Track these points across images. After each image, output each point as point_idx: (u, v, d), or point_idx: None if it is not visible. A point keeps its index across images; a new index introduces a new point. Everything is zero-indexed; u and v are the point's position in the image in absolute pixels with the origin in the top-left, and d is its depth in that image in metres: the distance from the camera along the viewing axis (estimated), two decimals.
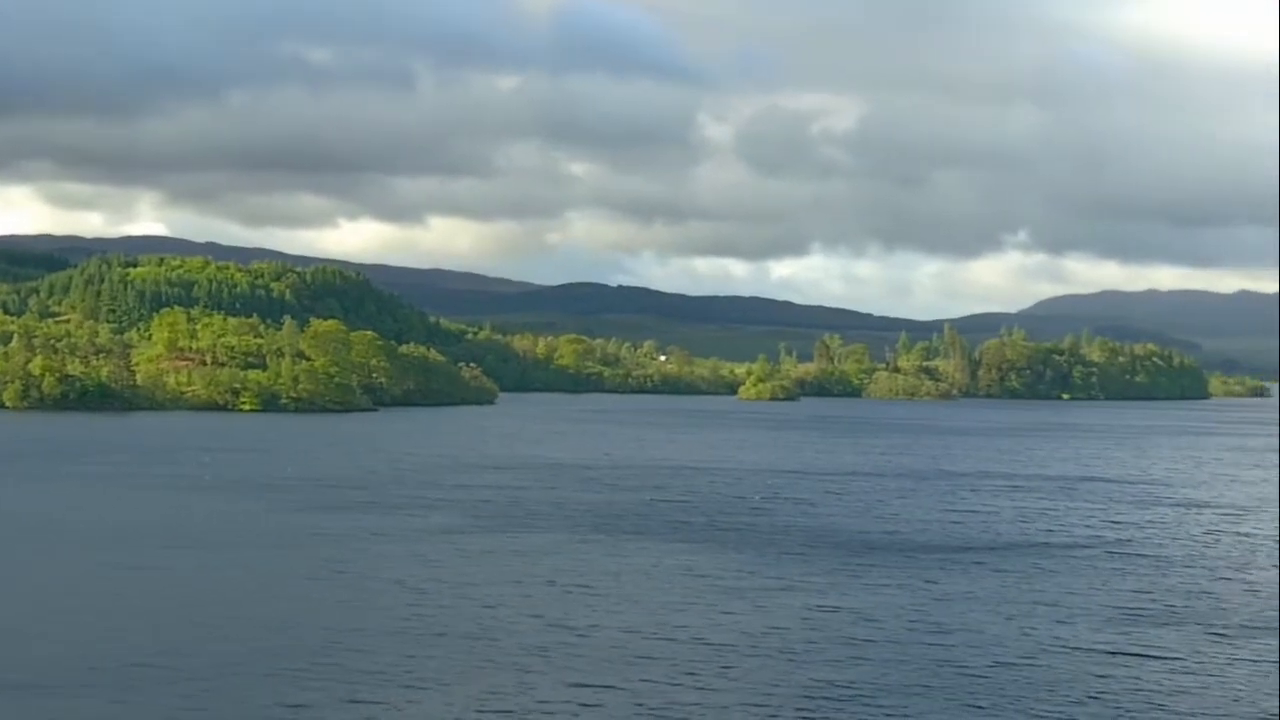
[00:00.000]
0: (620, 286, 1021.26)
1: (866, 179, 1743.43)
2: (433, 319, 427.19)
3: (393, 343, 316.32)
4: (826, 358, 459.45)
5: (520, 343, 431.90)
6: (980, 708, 51.01)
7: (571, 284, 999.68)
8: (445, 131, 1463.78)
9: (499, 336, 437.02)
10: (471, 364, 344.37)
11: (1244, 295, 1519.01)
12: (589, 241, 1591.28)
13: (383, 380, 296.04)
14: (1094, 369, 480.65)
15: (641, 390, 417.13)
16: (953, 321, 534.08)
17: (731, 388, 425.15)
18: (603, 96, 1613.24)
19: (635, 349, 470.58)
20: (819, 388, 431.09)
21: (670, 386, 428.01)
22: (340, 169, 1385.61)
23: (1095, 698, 52.61)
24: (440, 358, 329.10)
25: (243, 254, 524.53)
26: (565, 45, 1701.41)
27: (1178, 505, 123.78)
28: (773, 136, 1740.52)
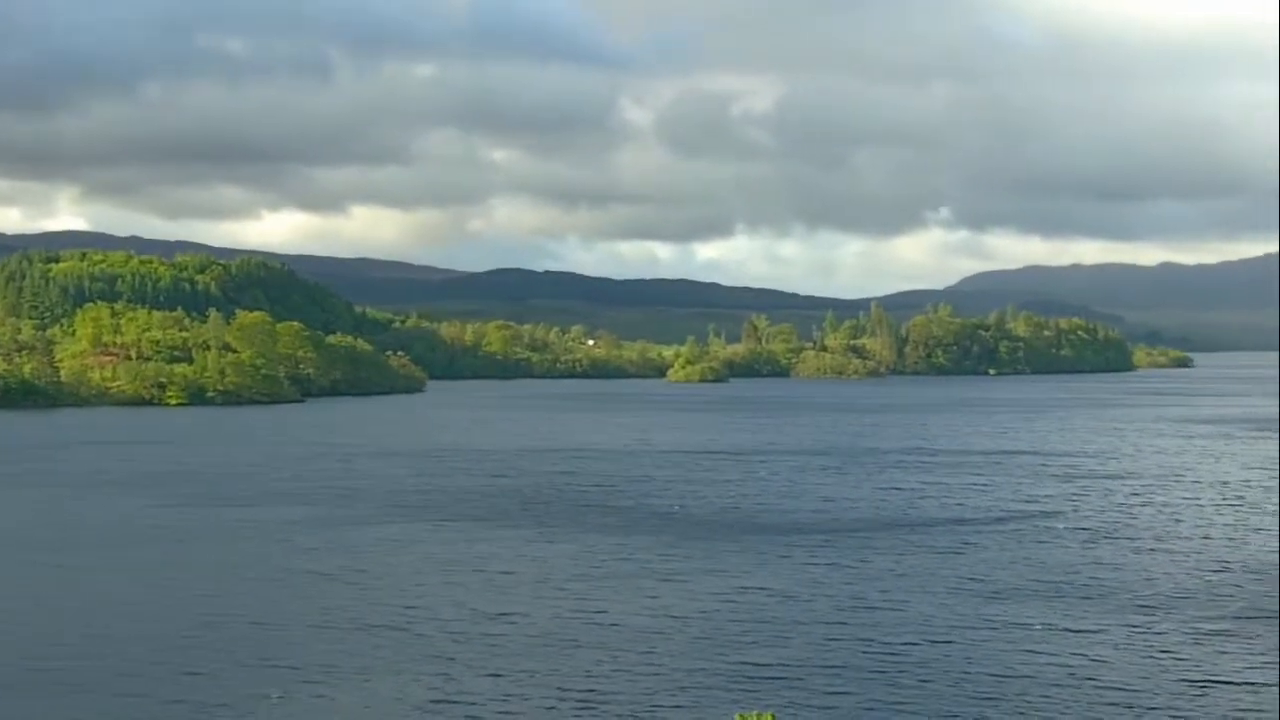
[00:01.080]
0: (547, 272, 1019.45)
1: (788, 159, 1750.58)
2: (359, 308, 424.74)
3: (319, 333, 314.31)
4: (754, 338, 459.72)
5: (448, 330, 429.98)
6: (907, 685, 51.16)
7: (498, 270, 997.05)
8: (365, 120, 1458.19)
9: (426, 324, 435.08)
10: (399, 352, 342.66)
11: (1166, 268, 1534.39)
12: (513, 228, 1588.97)
13: (310, 371, 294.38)
14: (1020, 344, 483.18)
15: (570, 375, 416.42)
16: (879, 299, 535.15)
17: (660, 370, 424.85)
18: (522, 83, 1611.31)
19: (563, 334, 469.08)
20: (748, 368, 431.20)
21: (599, 370, 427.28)
22: (261, 160, 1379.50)
23: (1021, 674, 52.83)
24: (368, 347, 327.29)
25: (166, 247, 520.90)
26: (483, 32, 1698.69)
27: (1102, 478, 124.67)
28: (693, 119, 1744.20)
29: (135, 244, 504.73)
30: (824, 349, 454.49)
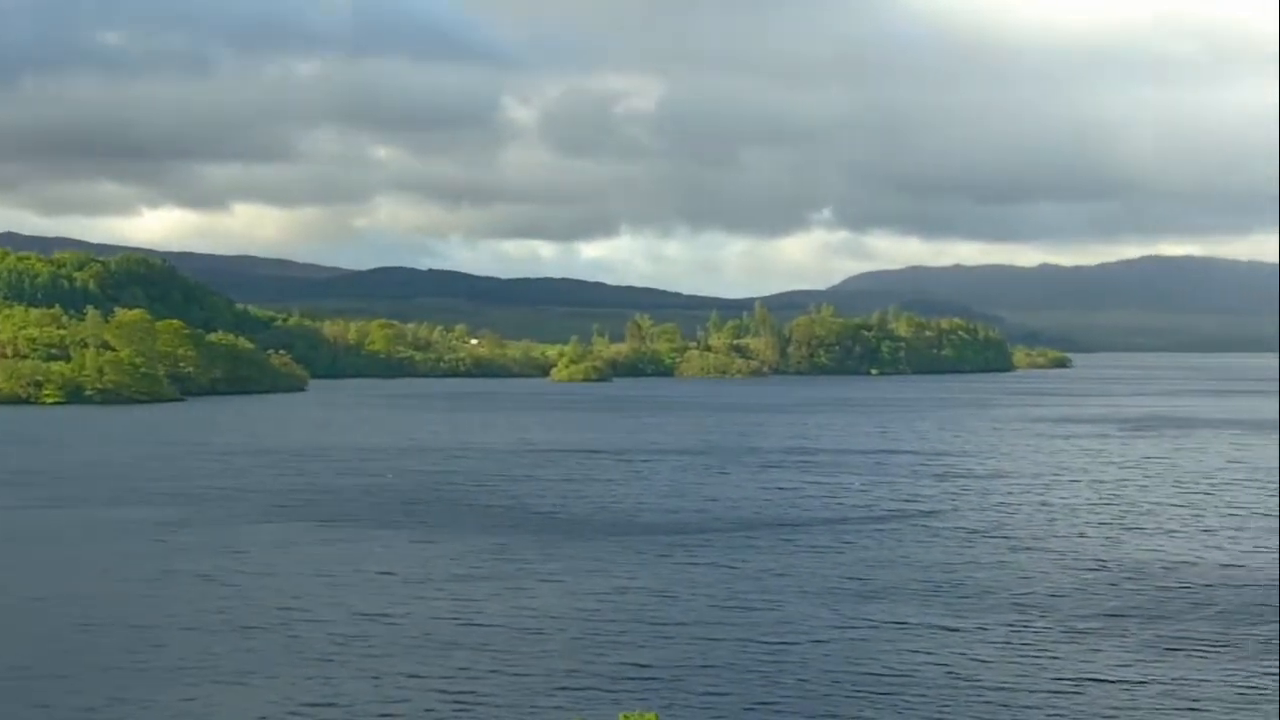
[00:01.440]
0: (431, 270, 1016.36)
1: (671, 159, 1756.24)
2: (241, 306, 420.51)
3: (200, 331, 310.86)
4: (638, 338, 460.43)
5: (331, 328, 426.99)
6: (788, 684, 51.30)
7: (381, 268, 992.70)
8: (247, 117, 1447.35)
9: (309, 322, 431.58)
10: (281, 351, 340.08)
11: (1045, 269, 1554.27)
12: (396, 226, 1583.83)
13: (190, 370, 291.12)
14: (901, 344, 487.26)
15: (454, 374, 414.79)
16: (763, 299, 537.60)
17: (544, 370, 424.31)
18: (405, 80, 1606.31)
19: (447, 333, 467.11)
20: (632, 368, 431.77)
21: (483, 370, 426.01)
22: (140, 156, 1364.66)
23: (899, 673, 53.13)
24: (249, 345, 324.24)
25: (43, 243, 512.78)
26: (366, 29, 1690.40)
27: (981, 477, 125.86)
28: (577, 118, 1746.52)
29: (11, 240, 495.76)
30: (708, 349, 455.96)
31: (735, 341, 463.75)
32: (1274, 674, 52.38)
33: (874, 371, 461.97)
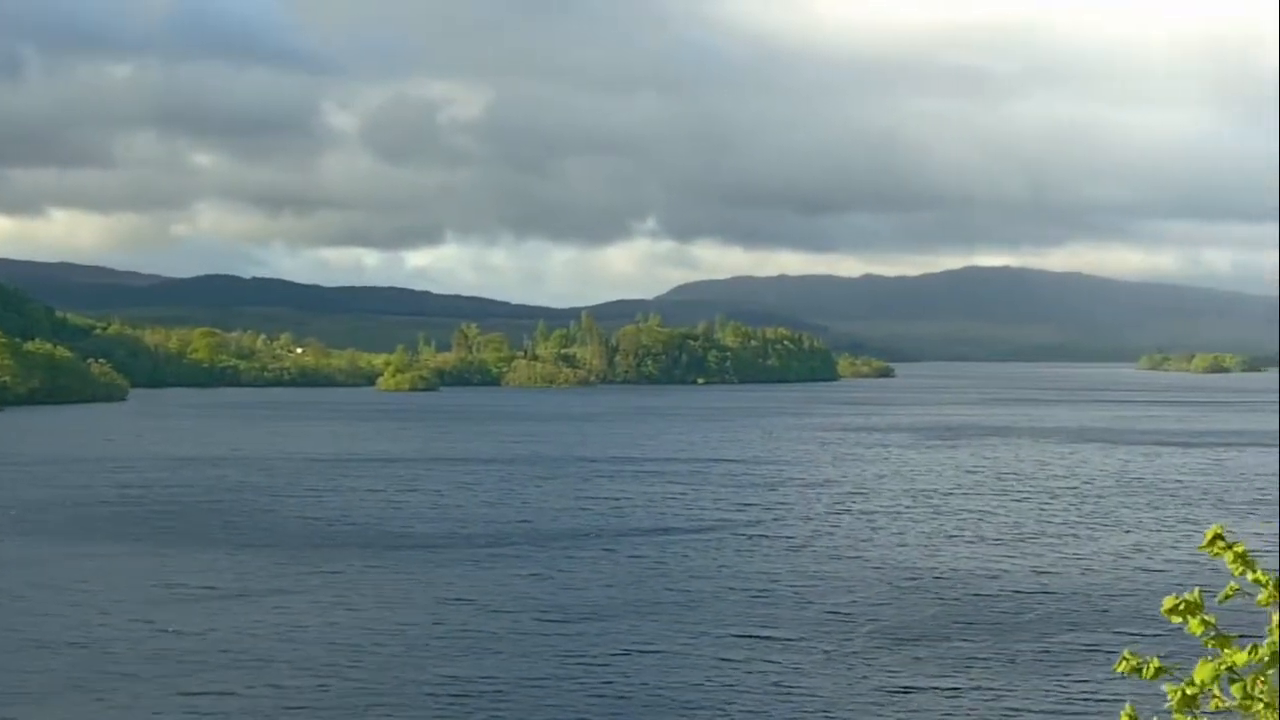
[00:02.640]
0: (254, 278, 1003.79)
1: (496, 167, 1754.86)
2: (60, 314, 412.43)
3: (16, 340, 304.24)
4: (465, 347, 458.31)
5: (152, 337, 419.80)
6: (609, 696, 51.22)
7: (204, 276, 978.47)
8: (60, 121, 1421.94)
9: (130, 331, 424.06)
10: (101, 360, 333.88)
11: (868, 279, 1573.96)
12: (218, 233, 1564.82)
13: (7, 379, 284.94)
14: (728, 353, 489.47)
15: (279, 383, 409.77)
16: (590, 309, 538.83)
17: (370, 379, 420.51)
18: (223, 84, 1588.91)
19: (271, 341, 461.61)
20: (459, 377, 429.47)
21: (308, 379, 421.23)
22: None
23: (721, 684, 53.21)
24: (67, 354, 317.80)
25: None
26: (182, 32, 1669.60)
27: (805, 486, 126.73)
28: (399, 125, 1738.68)
29: None
30: (535, 358, 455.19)
31: (562, 351, 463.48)
32: (1090, 680, 53.19)
33: (700, 381, 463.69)
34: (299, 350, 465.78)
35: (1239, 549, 7.63)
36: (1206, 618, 7.45)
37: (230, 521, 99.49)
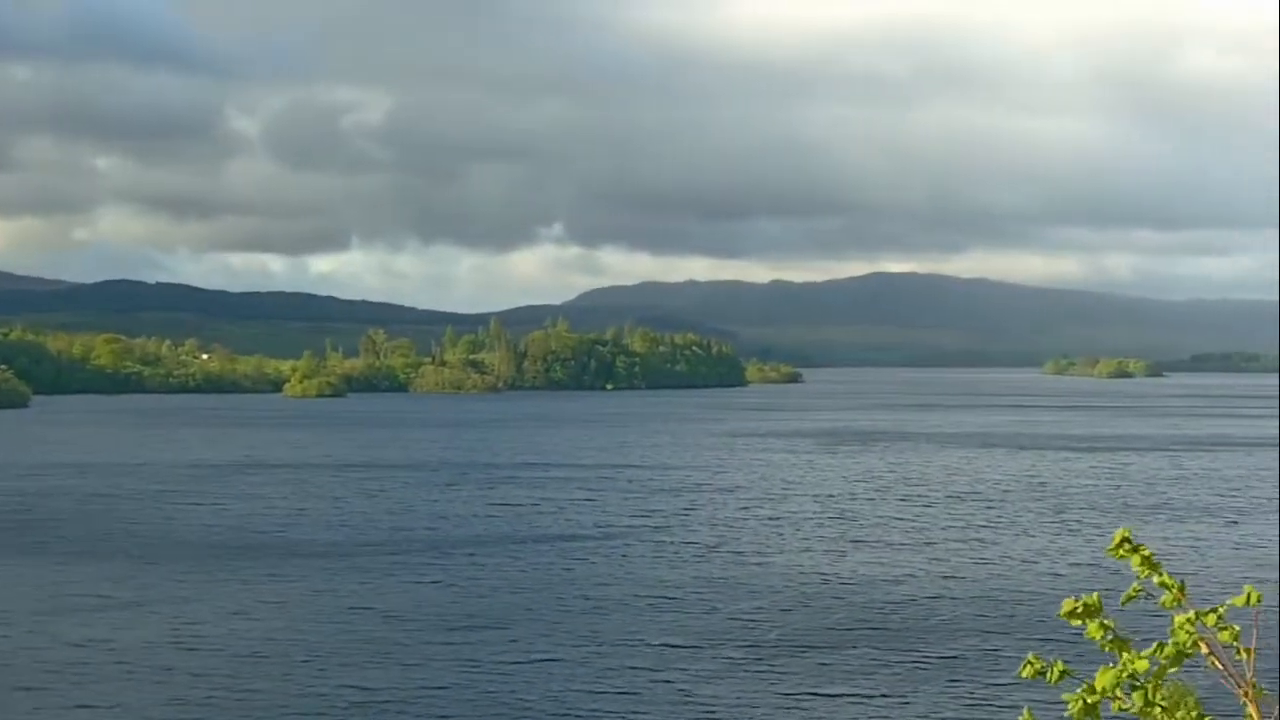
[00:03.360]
0: (159, 284, 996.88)
1: (401, 172, 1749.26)
2: None
3: None
4: (373, 353, 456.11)
5: (54, 343, 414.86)
6: (513, 704, 50.81)
7: (108, 281, 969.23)
8: None
9: (32, 337, 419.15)
10: (3, 366, 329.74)
11: (776, 285, 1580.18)
12: (120, 238, 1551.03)
13: None
14: (636, 359, 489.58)
15: (184, 390, 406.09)
16: (498, 314, 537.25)
17: (277, 385, 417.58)
18: (123, 88, 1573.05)
19: (176, 347, 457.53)
20: (366, 383, 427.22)
21: (213, 385, 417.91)
22: None
23: (626, 691, 52.99)
24: None
25: None
26: (81, 35, 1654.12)
27: (713, 491, 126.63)
28: (302, 130, 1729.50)
29: None
30: (443, 364, 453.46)
31: (470, 357, 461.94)
32: (994, 685, 53.31)
33: (609, 386, 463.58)
34: (204, 356, 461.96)
35: (1145, 552, 7.67)
36: (1105, 621, 7.49)
37: (130, 530, 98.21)
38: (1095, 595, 7.56)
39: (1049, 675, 7.53)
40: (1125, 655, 7.43)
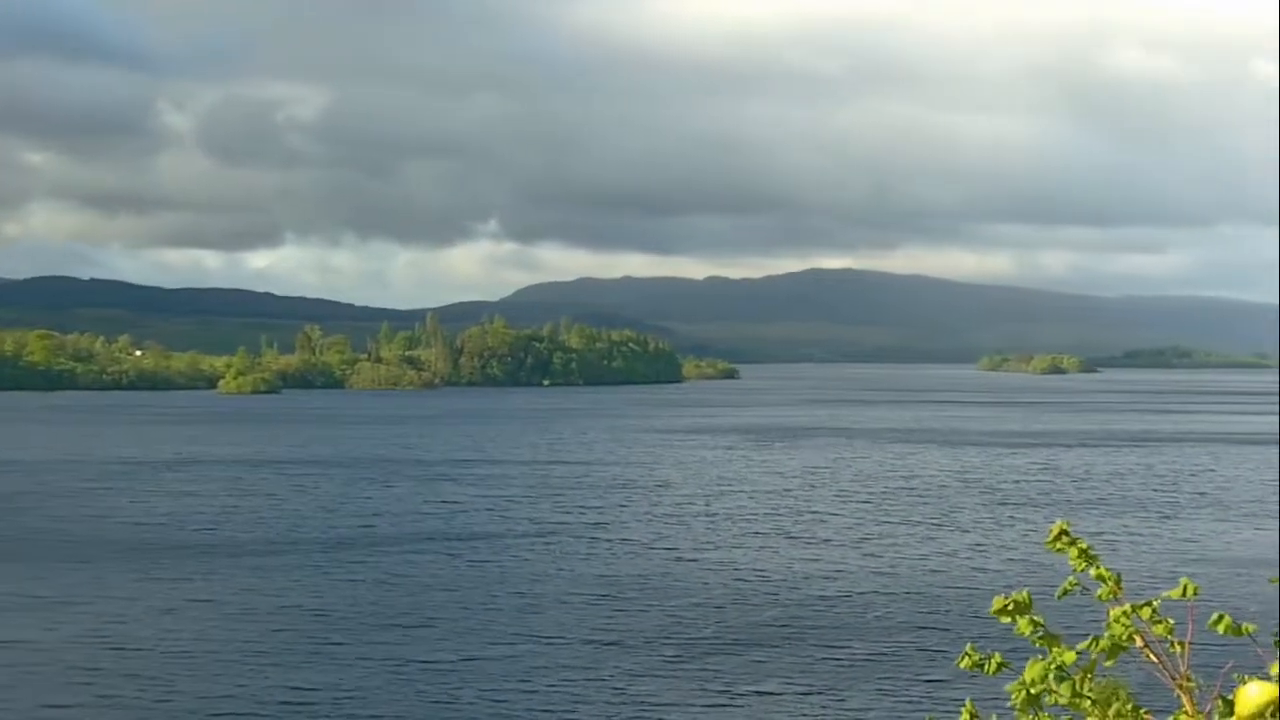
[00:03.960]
0: (92, 280, 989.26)
1: (335, 168, 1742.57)
2: None
3: None
4: (308, 349, 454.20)
5: None
6: (443, 702, 50.51)
7: (40, 277, 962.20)
8: None
9: None
10: None
11: (713, 281, 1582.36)
12: (52, 233, 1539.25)
13: None
14: (573, 355, 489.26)
15: (118, 386, 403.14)
16: (435, 310, 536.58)
17: (211, 382, 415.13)
18: (55, 83, 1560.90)
19: (110, 344, 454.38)
20: (302, 380, 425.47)
21: (148, 382, 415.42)
22: None
23: (563, 691, 52.72)
24: None
25: None
26: (11, 29, 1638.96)
27: (648, 488, 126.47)
28: (236, 126, 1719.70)
29: None
30: (379, 360, 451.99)
31: (407, 353, 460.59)
32: (932, 680, 53.28)
33: (546, 383, 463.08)
34: (138, 353, 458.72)
35: (1082, 545, 7.74)
36: (1035, 617, 7.56)
37: (59, 528, 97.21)
38: (1025, 593, 7.63)
39: (987, 667, 7.61)
40: (1055, 650, 7.51)
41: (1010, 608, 7.52)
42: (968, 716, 7.69)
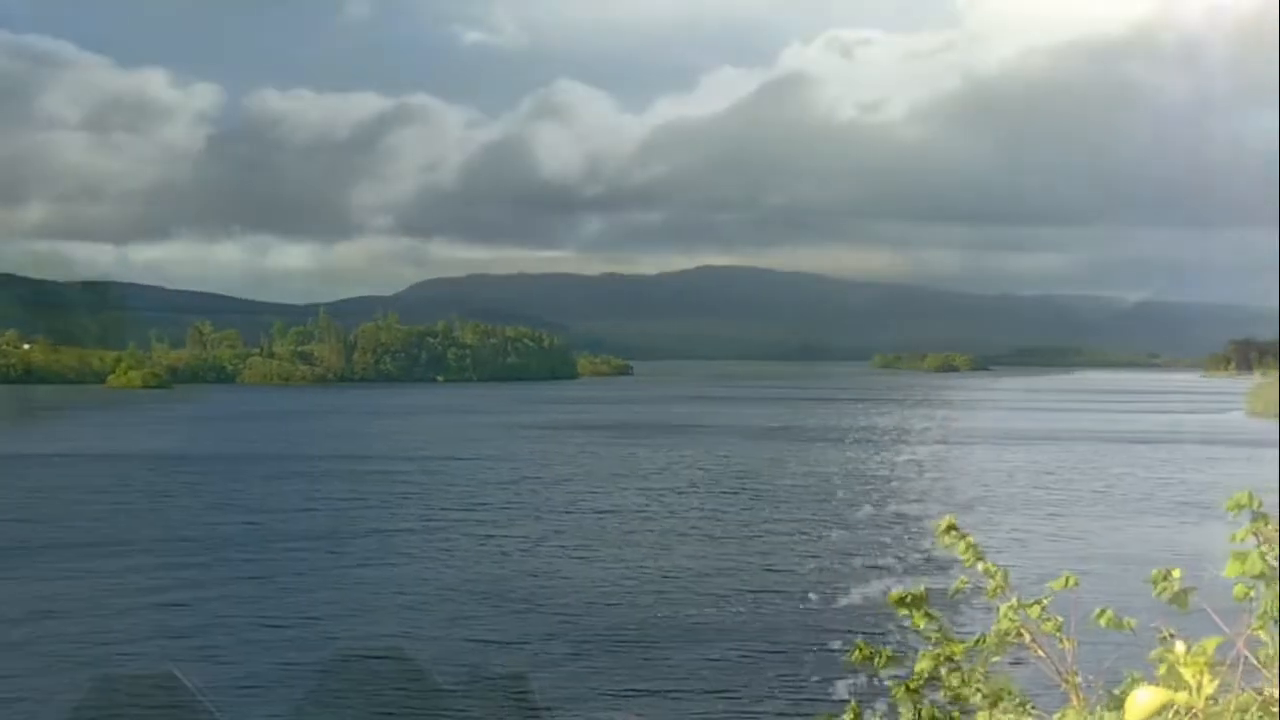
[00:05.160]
0: None
1: (226, 163, 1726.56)
2: None
3: None
4: (200, 344, 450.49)
5: None
6: (331, 706, 49.76)
7: None
8: None
9: None
10: None
11: (607, 278, 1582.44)
12: None
13: None
14: (468, 351, 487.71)
15: (5, 381, 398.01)
16: (328, 305, 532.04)
17: (101, 376, 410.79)
18: None
19: None
20: (193, 374, 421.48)
21: (36, 376, 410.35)
22: None
23: (440, 682, 52.10)
24: None
25: None
26: None
27: (539, 483, 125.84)
28: (121, 117, 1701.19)
29: None
30: (271, 355, 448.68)
31: (299, 348, 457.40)
32: (826, 676, 52.99)
33: (440, 379, 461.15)
34: (26, 347, 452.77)
35: (970, 540, 7.85)
36: (930, 612, 7.67)
37: None
38: (922, 588, 7.74)
39: (877, 660, 7.72)
40: (946, 644, 7.61)
41: (908, 600, 7.67)
42: (853, 716, 7.67)
